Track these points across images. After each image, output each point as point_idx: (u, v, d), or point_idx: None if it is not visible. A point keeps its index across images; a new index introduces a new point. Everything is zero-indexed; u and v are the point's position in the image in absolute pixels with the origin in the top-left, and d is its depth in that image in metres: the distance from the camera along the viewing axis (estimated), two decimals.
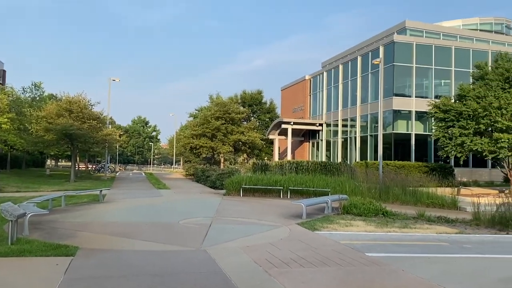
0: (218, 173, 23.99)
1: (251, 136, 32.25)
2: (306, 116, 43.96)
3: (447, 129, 22.21)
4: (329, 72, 40.39)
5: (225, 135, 32.20)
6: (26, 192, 19.34)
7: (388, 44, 31.26)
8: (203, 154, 33.19)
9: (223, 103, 33.12)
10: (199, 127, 32.77)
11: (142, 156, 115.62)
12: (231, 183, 19.70)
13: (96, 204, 14.96)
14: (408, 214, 14.02)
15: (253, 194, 19.61)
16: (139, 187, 23.68)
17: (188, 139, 33.02)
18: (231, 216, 12.79)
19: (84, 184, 23.86)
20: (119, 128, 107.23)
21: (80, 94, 26.21)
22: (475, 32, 37.26)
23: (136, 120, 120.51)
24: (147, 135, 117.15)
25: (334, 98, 39.16)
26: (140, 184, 26.74)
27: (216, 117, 32.12)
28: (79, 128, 24.31)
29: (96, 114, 26.84)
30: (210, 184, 25.07)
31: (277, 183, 19.63)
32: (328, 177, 20.43)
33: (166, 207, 14.68)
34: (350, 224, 11.65)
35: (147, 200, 16.98)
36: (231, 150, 32.36)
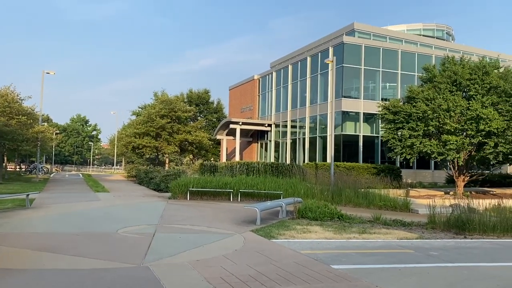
0: (163, 174, 22.45)
1: (199, 136, 30.85)
2: (255, 116, 43.21)
3: (396, 131, 22.21)
4: (278, 72, 39.88)
5: (170, 135, 30.55)
6: None
7: (338, 45, 31.18)
8: (146, 154, 31.30)
9: (169, 101, 31.43)
10: (143, 125, 30.83)
11: (81, 156, 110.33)
12: (177, 185, 18.33)
13: (21, 211, 13.06)
14: (364, 218, 13.52)
15: (201, 197, 18.39)
16: (74, 190, 21.59)
17: (130, 138, 30.96)
18: (178, 223, 11.51)
19: (11, 186, 21.37)
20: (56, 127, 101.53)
21: (7, 87, 23.51)
22: (419, 37, 38.36)
23: (75, 118, 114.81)
24: (86, 134, 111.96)
25: (283, 99, 38.69)
26: (76, 186, 24.51)
27: (161, 115, 30.37)
28: (5, 124, 21.76)
29: (26, 109, 24.19)
30: (154, 187, 23.46)
31: (226, 185, 18.54)
32: (279, 179, 19.64)
33: (103, 214, 13.08)
34: (308, 230, 10.82)
35: (82, 205, 15.22)
36: (176, 151, 30.75)
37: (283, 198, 15.83)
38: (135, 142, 29.90)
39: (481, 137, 19.16)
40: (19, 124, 22.87)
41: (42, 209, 13.55)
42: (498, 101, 19.72)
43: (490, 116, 18.64)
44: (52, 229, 10.28)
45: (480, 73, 20.21)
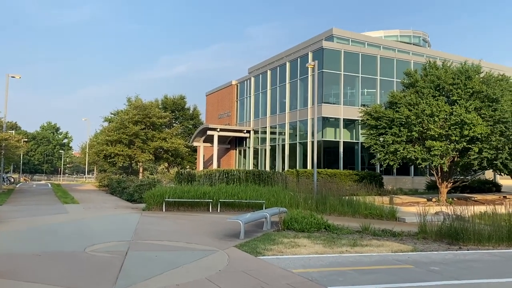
0: (137, 184, 21.23)
1: (174, 143, 29.66)
2: (233, 122, 42.33)
3: (378, 137, 21.73)
4: (256, 77, 39.17)
5: (144, 142, 29.27)
6: None
7: (317, 50, 30.70)
8: (119, 163, 29.88)
9: (143, 106, 30.15)
10: (115, 132, 29.43)
11: (52, 165, 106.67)
12: (152, 196, 17.20)
13: None
14: (351, 228, 12.82)
15: (178, 208, 17.32)
16: (41, 202, 20.13)
17: (102, 146, 29.50)
18: (153, 238, 10.47)
19: None
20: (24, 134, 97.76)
21: None
22: (397, 43, 38.40)
23: (45, 126, 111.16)
24: (57, 143, 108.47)
25: (262, 104, 37.97)
26: (43, 197, 22.97)
27: (134, 122, 29.07)
28: None
29: None
30: (127, 197, 22.19)
31: (205, 195, 17.53)
32: (261, 187, 18.76)
33: (70, 228, 11.89)
34: (296, 244, 9.98)
35: (47, 219, 13.94)
36: (151, 159, 29.49)
37: (267, 208, 14.98)
38: (107, 150, 28.47)
39: (465, 142, 18.84)
40: None
41: (3, 224, 12.23)
42: (481, 106, 19.49)
43: (474, 121, 18.33)
44: (9, 248, 9.08)
45: (462, 78, 19.97)
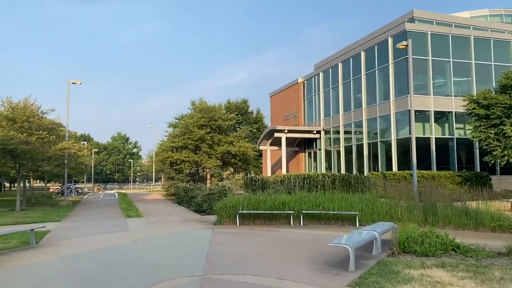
0: (205, 193, 18.90)
1: (242, 147, 27.24)
2: (300, 123, 39.33)
3: (489, 129, 17.69)
4: (325, 72, 35.88)
5: (211, 147, 27.11)
6: None
7: (399, 34, 26.88)
8: (185, 169, 27.98)
9: (208, 108, 28.06)
10: (180, 138, 27.61)
11: (123, 174, 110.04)
12: (224, 207, 14.67)
13: (20, 252, 9.75)
14: (490, 248, 9.36)
15: (254, 221, 14.66)
16: (102, 216, 18.39)
17: (167, 152, 27.77)
18: (231, 270, 7.76)
19: (31, 214, 18.45)
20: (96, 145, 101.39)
21: (26, 99, 20.77)
22: (488, 23, 33.29)
23: (115, 136, 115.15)
24: (127, 152, 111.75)
25: (333, 102, 34.60)
26: (106, 210, 21.39)
27: (199, 125, 27.02)
28: (24, 141, 18.92)
29: (46, 123, 21.34)
30: (196, 208, 19.97)
31: (284, 205, 14.72)
32: (350, 195, 15.56)
33: (128, 255, 9.54)
34: (434, 280, 6.81)
35: (103, 239, 11.78)
36: (218, 164, 27.26)
37: (372, 224, 11.74)
38: (173, 156, 26.65)
39: None
40: (40, 141, 20.07)
41: (49, 248, 10.19)
42: None
43: None
44: None
45: None
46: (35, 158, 19.37)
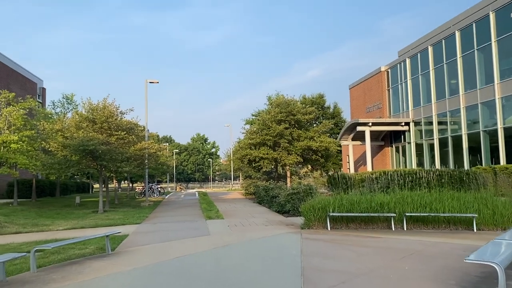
0: (288, 192, 17.32)
1: (324, 142, 25.29)
2: (385, 115, 36.32)
3: None
4: (413, 58, 32.62)
5: (290, 142, 25.52)
6: (24, 234, 13.90)
7: (503, 7, 23.21)
8: (264, 167, 26.70)
9: (286, 102, 26.48)
10: (257, 134, 26.37)
11: (203, 173, 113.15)
12: (312, 209, 12.96)
13: (95, 261, 8.88)
14: None
15: (347, 225, 12.82)
16: (182, 218, 17.59)
17: (245, 150, 26.67)
18: None
19: (112, 216, 18.20)
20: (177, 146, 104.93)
21: (105, 99, 20.69)
22: None
23: (195, 137, 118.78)
24: (206, 152, 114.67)
25: (423, 90, 31.31)
26: (186, 211, 20.70)
27: (277, 121, 25.56)
28: (104, 142, 18.79)
29: (126, 123, 21.16)
30: (278, 208, 18.50)
31: (383, 207, 12.68)
32: (462, 194, 13.07)
33: (210, 267, 8.23)
34: None
35: (184, 246, 10.67)
36: (299, 161, 25.58)
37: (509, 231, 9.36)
38: (251, 154, 25.47)
39: None
40: (119, 142, 19.91)
41: (124, 257, 9.22)
42: None
43: None
44: None
45: None
46: (115, 158, 19.18)
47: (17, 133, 20.45)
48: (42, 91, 38.46)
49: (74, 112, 23.04)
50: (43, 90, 38.80)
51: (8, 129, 20.44)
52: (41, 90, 38.46)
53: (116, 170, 20.07)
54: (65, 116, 24.71)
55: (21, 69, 34.64)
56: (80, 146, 17.44)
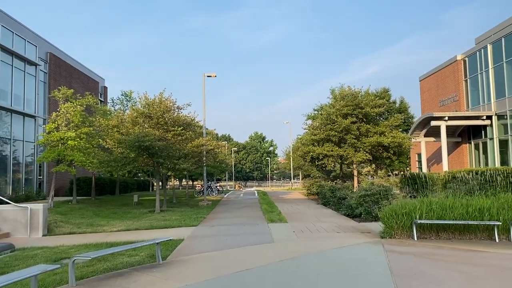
0: (360, 194, 15.29)
1: (397, 137, 22.82)
2: (462, 108, 32.81)
3: None
4: (496, 43, 29.00)
5: (357, 138, 23.32)
6: (77, 235, 13.16)
7: None
8: (329, 165, 24.68)
9: (352, 94, 24.29)
10: (321, 130, 24.42)
11: (261, 172, 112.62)
12: (393, 214, 10.93)
13: (143, 273, 7.59)
14: None
15: (437, 234, 10.70)
16: (242, 220, 16.17)
17: (308, 146, 24.81)
18: None
19: (169, 216, 17.18)
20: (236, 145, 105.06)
21: (161, 94, 19.77)
22: None
23: (253, 136, 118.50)
24: (264, 151, 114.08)
25: (509, 78, 27.69)
26: (246, 212, 19.31)
27: (343, 114, 23.46)
28: (160, 138, 17.86)
29: (183, 118, 20.13)
30: (347, 211, 16.56)
31: (482, 213, 10.41)
32: None
33: (276, 282, 6.61)
34: None
35: (245, 256, 9.16)
36: (368, 158, 23.31)
37: None
38: (314, 151, 23.59)
39: None
40: (176, 138, 18.92)
41: (176, 269, 7.85)
42: None
43: None
44: None
45: None
46: (172, 155, 18.19)
47: (75, 130, 20.13)
48: (103, 89, 39.06)
49: (131, 107, 22.56)
50: (104, 88, 39.39)
51: (66, 126, 20.17)
52: (103, 88, 39.06)
53: (173, 168, 19.13)
54: (124, 112, 24.28)
55: (84, 68, 35.23)
56: (135, 142, 16.60)
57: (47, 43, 29.34)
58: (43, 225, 13.70)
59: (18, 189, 24.47)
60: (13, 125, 24.70)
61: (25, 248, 10.92)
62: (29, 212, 13.48)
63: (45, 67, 28.73)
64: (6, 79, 24.07)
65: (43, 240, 12.38)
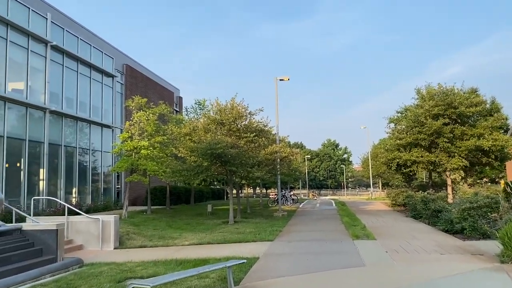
0: (464, 206, 12.93)
1: (499, 140, 19.81)
2: None
3: None
4: None
5: (451, 142, 20.62)
6: (147, 249, 12.45)
7: None
8: (419, 173, 22.15)
9: (443, 92, 21.59)
10: (407, 133, 22.01)
11: (335, 180, 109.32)
12: None
13: None
14: None
15: None
16: (322, 235, 14.52)
17: (392, 152, 22.47)
18: None
19: (243, 228, 16.01)
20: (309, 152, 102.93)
21: (233, 99, 18.80)
22: None
23: (326, 143, 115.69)
24: (338, 158, 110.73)
25: None
26: (325, 225, 17.58)
27: (433, 115, 20.89)
28: (232, 145, 16.85)
29: (255, 124, 18.99)
30: (445, 226, 14.25)
31: None
32: None
33: None
34: None
35: (333, 283, 7.60)
36: (464, 165, 20.46)
37: None
38: (400, 157, 21.24)
39: None
40: (249, 145, 17.82)
41: None
42: None
43: None
44: None
45: None
46: (245, 163, 17.10)
47: (148, 139, 19.88)
48: (178, 99, 39.50)
49: (203, 114, 21.99)
50: (179, 99, 39.83)
51: (140, 135, 19.98)
52: (178, 99, 39.50)
53: (246, 176, 18.05)
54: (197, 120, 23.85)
55: (159, 79, 35.81)
56: (207, 150, 15.74)
57: (123, 55, 30.05)
58: (115, 237, 13.20)
59: (97, 199, 24.93)
60: (92, 135, 25.31)
61: (93, 264, 10.29)
62: (101, 224, 13.05)
63: (122, 79, 29.37)
64: (85, 91, 24.74)
65: (113, 254, 11.79)
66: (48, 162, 20.92)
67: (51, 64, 21.56)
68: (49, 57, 21.31)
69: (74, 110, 23.57)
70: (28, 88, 19.97)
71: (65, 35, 23.07)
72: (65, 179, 22.27)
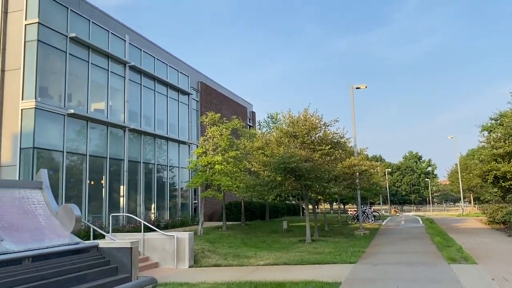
0: None
1: None
2: None
3: None
4: None
5: None
6: (221, 268, 11.95)
7: None
8: None
9: None
10: (505, 142, 19.52)
11: (419, 194, 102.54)
12: None
13: None
14: None
15: None
16: (411, 257, 13.00)
17: (488, 164, 20.05)
18: None
19: (321, 248, 14.92)
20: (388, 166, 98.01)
21: (306, 110, 17.95)
22: None
23: (407, 156, 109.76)
24: (421, 171, 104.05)
25: None
26: (414, 246, 15.87)
27: None
28: (307, 158, 15.93)
29: (330, 136, 17.92)
30: None
31: None
32: None
33: None
34: None
35: None
36: None
37: None
38: (498, 168, 18.85)
39: None
40: (324, 158, 16.79)
41: None
42: None
43: None
44: None
45: None
46: (321, 177, 16.09)
47: (222, 154, 19.69)
48: (252, 115, 39.56)
49: (275, 127, 21.45)
50: (252, 114, 39.88)
51: (214, 151, 19.88)
52: (251, 114, 39.57)
53: (323, 192, 17.05)
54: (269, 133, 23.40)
55: (232, 95, 36.14)
56: (280, 164, 15.05)
57: (197, 73, 30.67)
58: (189, 255, 12.88)
59: (175, 214, 25.25)
60: (170, 152, 25.86)
61: (167, 284, 9.93)
62: (176, 241, 12.80)
63: (197, 96, 29.93)
64: (162, 109, 25.43)
65: (188, 273, 11.42)
66: (128, 178, 21.57)
67: (130, 84, 22.43)
68: (127, 77, 22.20)
69: (152, 128, 24.25)
70: (108, 108, 20.85)
71: (142, 55, 23.97)
72: (144, 195, 22.82)
